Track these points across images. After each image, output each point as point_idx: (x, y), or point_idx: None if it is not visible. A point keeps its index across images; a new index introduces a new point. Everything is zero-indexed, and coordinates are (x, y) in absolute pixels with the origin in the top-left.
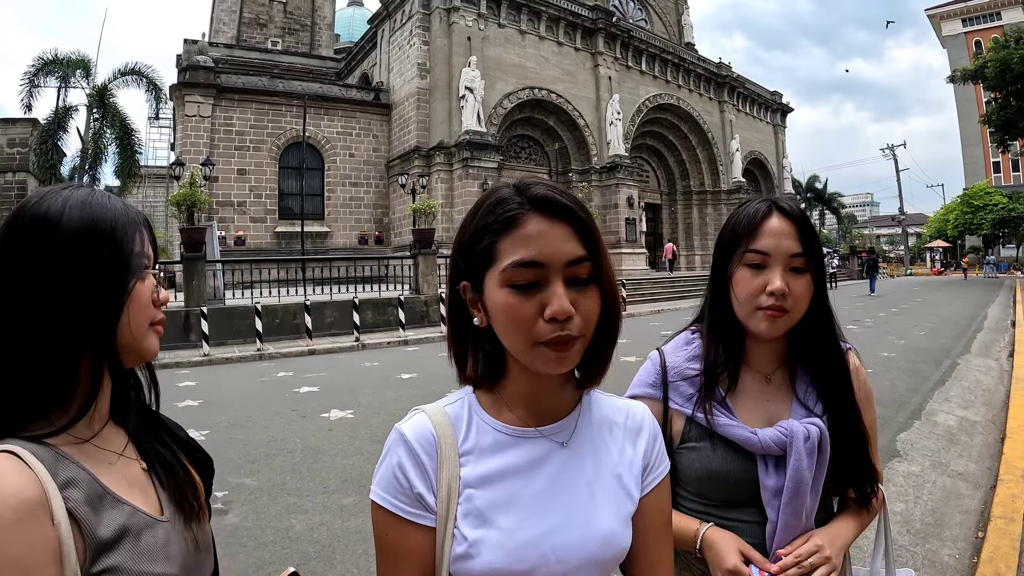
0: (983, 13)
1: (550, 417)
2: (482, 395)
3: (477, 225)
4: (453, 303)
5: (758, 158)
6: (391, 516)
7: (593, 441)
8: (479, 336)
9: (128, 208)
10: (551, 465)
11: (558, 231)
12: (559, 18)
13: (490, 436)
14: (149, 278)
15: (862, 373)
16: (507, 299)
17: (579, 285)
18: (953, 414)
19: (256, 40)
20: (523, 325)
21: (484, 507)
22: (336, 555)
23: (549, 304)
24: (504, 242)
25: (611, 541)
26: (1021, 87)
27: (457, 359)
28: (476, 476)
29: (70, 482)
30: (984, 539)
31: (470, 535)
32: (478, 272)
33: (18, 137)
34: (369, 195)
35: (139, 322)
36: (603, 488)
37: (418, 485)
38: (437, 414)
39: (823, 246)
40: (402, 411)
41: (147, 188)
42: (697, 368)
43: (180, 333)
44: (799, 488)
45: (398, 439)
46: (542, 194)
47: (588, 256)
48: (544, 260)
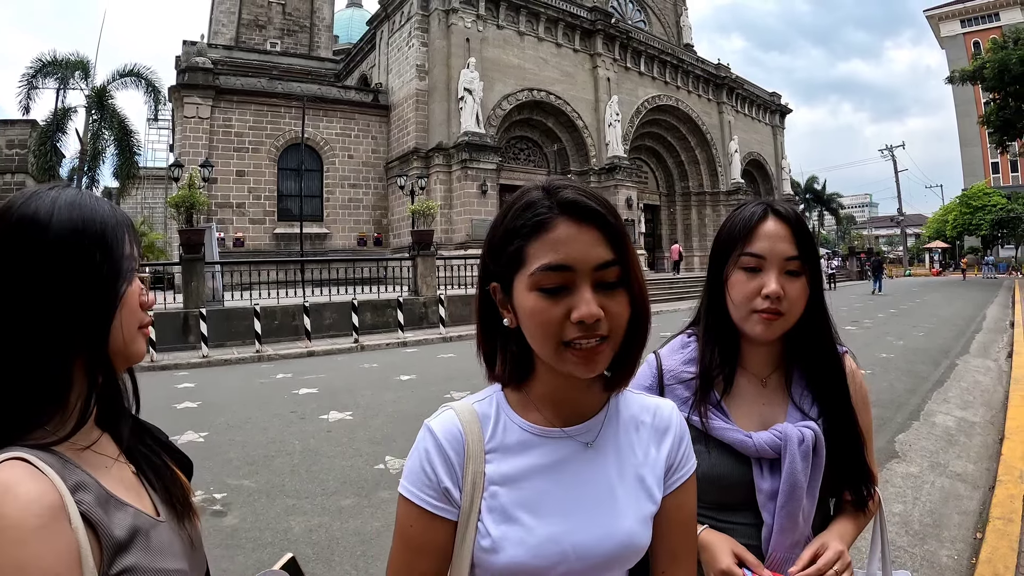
0: (982, 14)
1: (577, 417)
2: (510, 393)
3: (507, 227)
4: (483, 303)
5: (757, 159)
6: (417, 509)
7: (618, 441)
8: (508, 336)
9: (115, 210)
10: (575, 465)
11: (587, 235)
12: (558, 19)
13: (516, 435)
14: (136, 281)
15: (858, 376)
16: (536, 303)
17: (607, 288)
18: (952, 415)
19: (255, 41)
20: (551, 328)
21: (508, 504)
22: (335, 556)
23: (577, 308)
24: (533, 246)
25: (630, 541)
26: (1019, 88)
27: (486, 357)
28: (501, 474)
29: (79, 486)
30: (982, 540)
31: (494, 531)
32: (507, 274)
33: (17, 138)
34: (368, 196)
35: (129, 326)
36: (625, 489)
37: (444, 480)
38: (465, 411)
39: (822, 247)
40: (401, 413)
41: (146, 189)
42: (693, 371)
43: (179, 335)
44: (794, 491)
45: (427, 435)
46: (571, 198)
47: (617, 260)
48: (572, 264)
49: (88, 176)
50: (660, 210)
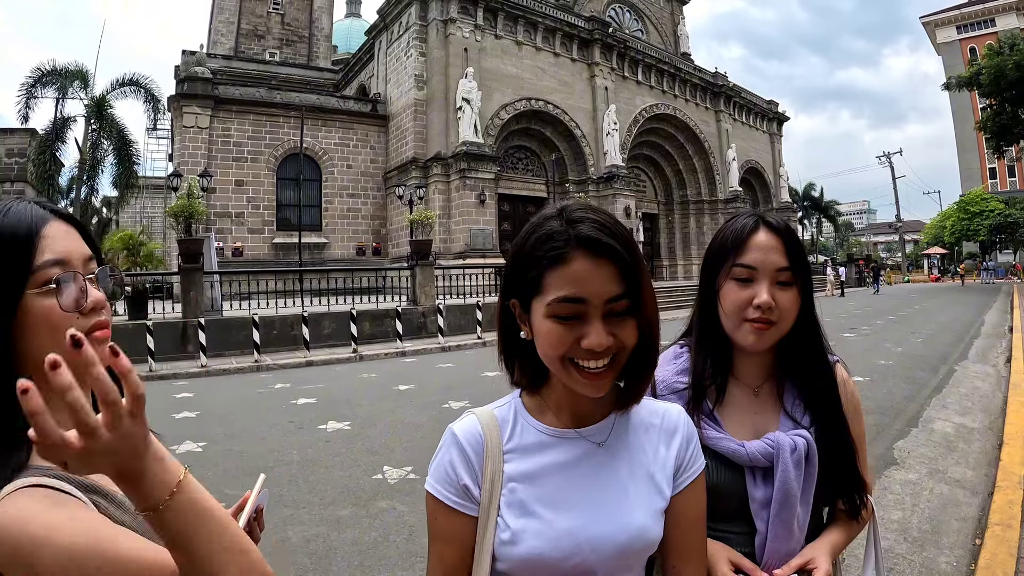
0: (977, 20)
1: (589, 419)
2: (528, 398)
3: (527, 255)
4: (503, 315)
5: (755, 167)
6: (441, 504)
7: (628, 442)
8: (524, 347)
9: (10, 214)
10: (589, 463)
11: (603, 271)
12: (555, 29)
13: (533, 436)
14: (70, 288)
15: (850, 385)
16: (550, 327)
17: (618, 316)
18: (950, 421)
19: (254, 51)
20: (562, 350)
21: (527, 499)
22: (332, 566)
23: (587, 337)
24: (550, 277)
25: (641, 534)
26: (1016, 93)
27: (507, 365)
28: (520, 472)
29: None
30: (981, 546)
31: (513, 524)
32: (527, 295)
33: (16, 147)
34: (366, 206)
35: (55, 343)
36: (636, 485)
37: (465, 478)
38: (485, 416)
39: (821, 254)
40: (399, 423)
41: (145, 199)
42: (685, 381)
43: (177, 344)
44: (787, 499)
45: (451, 438)
46: (587, 234)
47: (627, 294)
48: (586, 297)
49: (87, 185)
50: (659, 218)
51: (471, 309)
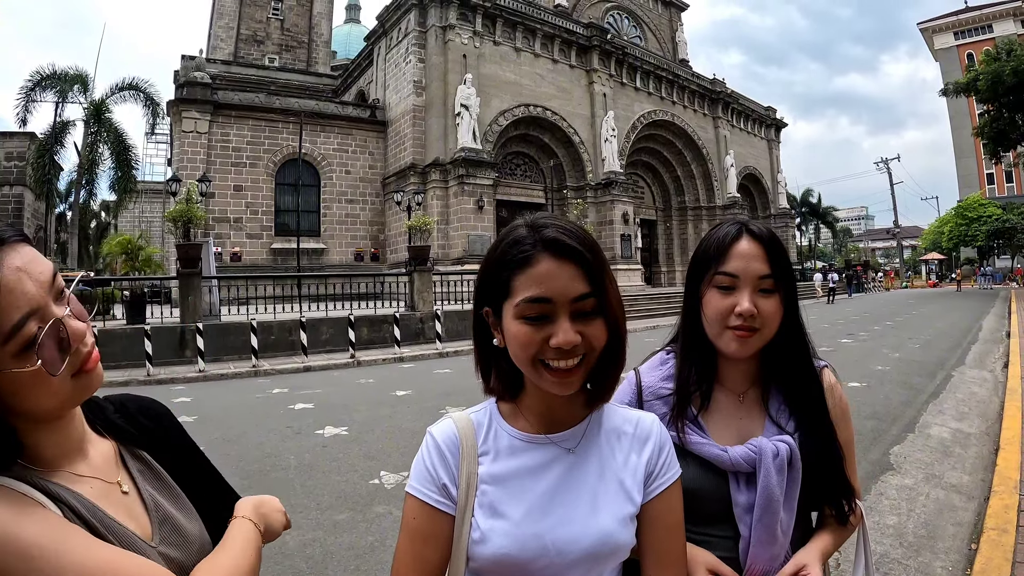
0: (975, 26)
1: (560, 426)
2: (503, 405)
3: (496, 260)
4: (477, 324)
5: (753, 173)
6: (420, 503)
7: (600, 448)
8: (499, 355)
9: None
10: (558, 468)
11: (566, 271)
12: (554, 36)
13: (506, 440)
14: (49, 343)
15: (838, 390)
16: (519, 329)
17: (585, 316)
18: (947, 426)
19: (253, 57)
20: (531, 351)
21: (496, 501)
22: (329, 571)
23: (555, 336)
24: (518, 279)
25: (607, 539)
26: (1013, 99)
27: (483, 373)
28: (491, 474)
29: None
30: (977, 551)
31: (483, 524)
32: (497, 301)
33: (15, 151)
34: (365, 212)
35: (49, 394)
36: (605, 491)
37: (443, 477)
38: (462, 420)
39: (819, 260)
40: (396, 428)
41: (144, 203)
42: (671, 387)
43: (176, 349)
44: (770, 504)
45: (429, 439)
46: (551, 236)
47: (593, 292)
48: (552, 297)
49: (86, 189)
50: (657, 225)
51: (469, 315)
